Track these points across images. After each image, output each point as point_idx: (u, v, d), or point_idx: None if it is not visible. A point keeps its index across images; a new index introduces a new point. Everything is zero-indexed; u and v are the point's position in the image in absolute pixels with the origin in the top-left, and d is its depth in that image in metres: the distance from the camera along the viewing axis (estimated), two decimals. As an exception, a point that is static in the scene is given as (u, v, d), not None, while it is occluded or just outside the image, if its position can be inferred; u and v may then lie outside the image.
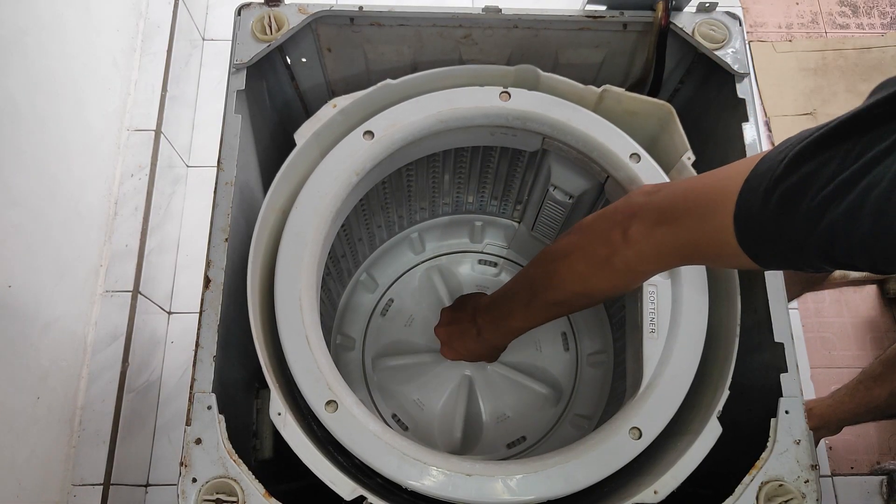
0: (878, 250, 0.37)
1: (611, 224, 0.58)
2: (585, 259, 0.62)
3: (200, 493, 0.58)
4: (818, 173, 0.39)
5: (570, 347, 1.08)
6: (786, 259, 0.43)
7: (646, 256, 0.55)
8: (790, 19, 1.63)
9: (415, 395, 1.02)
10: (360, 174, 0.73)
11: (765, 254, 0.45)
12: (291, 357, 0.64)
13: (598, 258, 0.60)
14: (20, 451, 0.91)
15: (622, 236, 0.56)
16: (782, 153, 0.43)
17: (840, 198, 0.37)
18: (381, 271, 1.11)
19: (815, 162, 0.40)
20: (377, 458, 0.60)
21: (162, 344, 1.23)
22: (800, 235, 0.40)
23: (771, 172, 0.42)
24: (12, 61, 0.92)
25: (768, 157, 0.44)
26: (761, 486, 0.61)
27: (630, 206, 0.57)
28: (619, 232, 0.56)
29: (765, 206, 0.42)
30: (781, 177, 0.41)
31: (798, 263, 0.43)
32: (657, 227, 0.53)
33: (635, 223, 0.55)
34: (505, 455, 1.00)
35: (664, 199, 0.54)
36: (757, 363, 0.70)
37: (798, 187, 0.40)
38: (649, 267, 0.58)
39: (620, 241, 0.56)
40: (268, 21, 0.76)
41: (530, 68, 0.78)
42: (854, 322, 1.34)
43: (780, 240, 0.42)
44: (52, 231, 1.00)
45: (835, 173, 0.38)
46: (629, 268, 0.58)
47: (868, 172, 0.36)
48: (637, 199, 0.57)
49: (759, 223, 0.43)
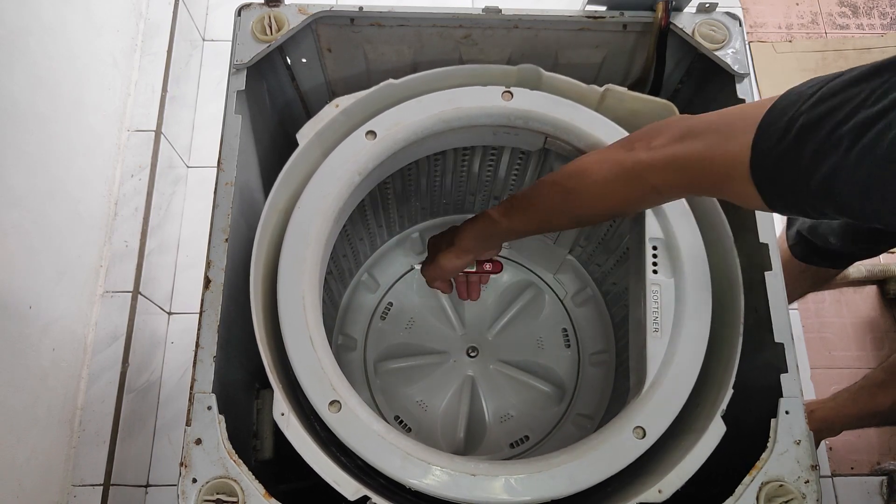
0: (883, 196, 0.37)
1: (638, 134, 0.58)
2: (602, 158, 0.61)
3: (200, 493, 0.58)
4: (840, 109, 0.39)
5: (571, 345, 1.08)
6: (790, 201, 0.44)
7: (658, 164, 0.54)
8: (790, 20, 1.63)
9: (417, 397, 1.02)
10: (362, 174, 0.73)
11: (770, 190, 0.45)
12: (294, 357, 0.64)
13: (614, 159, 0.58)
14: (20, 451, 0.91)
15: (645, 144, 0.56)
16: (813, 87, 0.42)
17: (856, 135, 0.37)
18: (382, 271, 1.11)
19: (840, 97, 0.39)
20: (381, 458, 0.60)
21: (162, 344, 1.23)
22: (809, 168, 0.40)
23: (798, 103, 0.42)
24: (13, 61, 0.92)
25: (796, 90, 0.44)
26: (761, 487, 0.61)
27: (660, 123, 0.57)
28: (643, 141, 0.56)
29: (784, 135, 0.42)
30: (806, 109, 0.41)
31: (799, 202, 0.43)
32: (679, 141, 0.53)
33: (661, 135, 0.55)
34: (508, 455, 1.00)
35: (692, 121, 0.54)
36: (757, 363, 0.70)
37: (818, 121, 0.40)
38: (658, 178, 0.55)
39: (641, 146, 0.56)
40: (268, 21, 0.76)
41: (533, 68, 0.78)
42: (854, 322, 1.34)
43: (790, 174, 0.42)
44: (52, 231, 1.00)
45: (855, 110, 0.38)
46: (637, 173, 0.56)
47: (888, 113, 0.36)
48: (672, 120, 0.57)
49: (774, 154, 0.43)
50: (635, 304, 0.74)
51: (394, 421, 1.02)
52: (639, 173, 0.56)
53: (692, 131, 0.52)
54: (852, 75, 0.41)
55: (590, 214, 0.66)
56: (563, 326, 1.09)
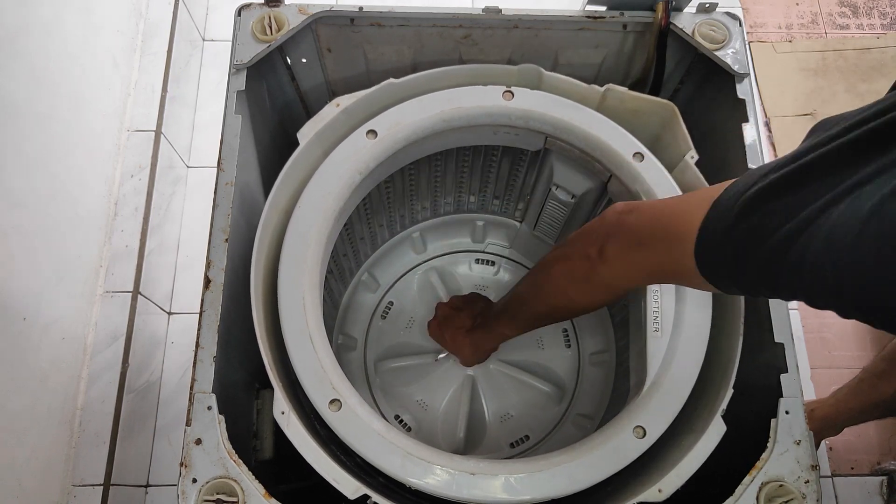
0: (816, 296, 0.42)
1: (589, 242, 0.63)
2: (566, 275, 0.67)
3: (200, 493, 0.58)
4: (764, 225, 0.44)
5: (571, 345, 1.08)
6: (743, 292, 0.49)
7: (619, 275, 0.60)
8: (790, 20, 1.63)
9: (418, 396, 1.02)
10: (363, 173, 0.73)
11: (723, 286, 0.50)
12: (295, 356, 0.64)
13: (578, 274, 0.64)
14: (20, 451, 0.91)
15: (598, 254, 0.61)
16: (732, 199, 0.47)
17: (783, 250, 0.42)
18: (382, 271, 1.11)
19: (761, 213, 0.44)
20: (381, 456, 0.60)
21: (162, 344, 1.23)
22: (751, 277, 0.46)
23: (725, 219, 0.47)
24: (13, 62, 0.92)
25: (721, 202, 0.48)
26: (762, 487, 0.61)
27: (605, 226, 0.61)
28: (595, 249, 0.61)
29: (720, 250, 0.47)
30: (733, 226, 0.46)
31: (753, 295, 0.49)
32: (629, 250, 0.58)
33: (610, 243, 0.60)
34: (508, 454, 1.00)
35: (635, 223, 0.58)
36: (757, 363, 0.70)
37: (747, 237, 0.45)
38: (622, 284, 0.62)
39: (597, 258, 0.61)
40: (268, 22, 0.76)
41: (533, 68, 0.78)
42: (854, 322, 1.33)
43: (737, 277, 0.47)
44: (53, 231, 1.00)
45: (778, 226, 0.42)
46: (604, 284, 0.63)
47: (805, 229, 0.41)
48: (612, 218, 0.61)
49: (717, 263, 0.48)
50: (635, 305, 0.74)
51: (394, 420, 1.02)
52: (607, 284, 0.63)
53: (636, 237, 0.57)
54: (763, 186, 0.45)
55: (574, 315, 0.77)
56: (563, 327, 1.09)
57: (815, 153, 0.43)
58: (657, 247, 0.55)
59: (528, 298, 0.77)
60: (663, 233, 0.54)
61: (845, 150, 0.42)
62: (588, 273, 0.63)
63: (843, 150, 0.42)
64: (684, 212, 0.52)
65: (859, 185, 0.39)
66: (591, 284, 0.64)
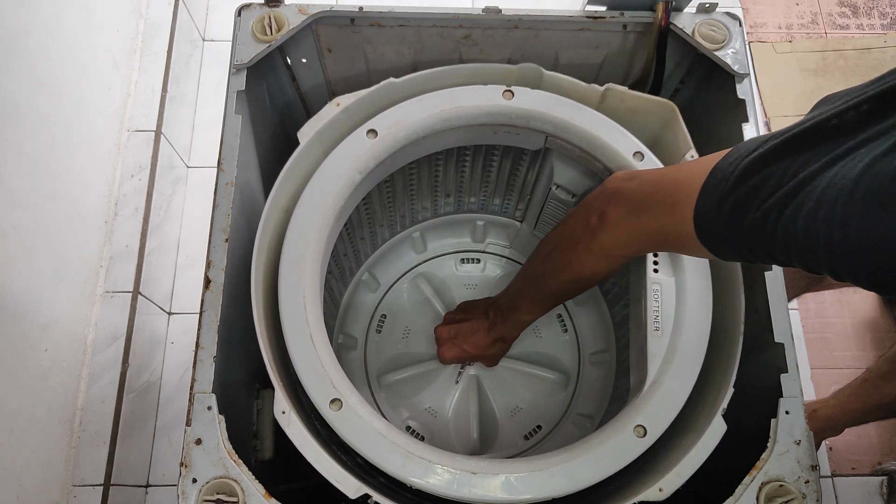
0: (809, 257, 0.43)
1: (589, 211, 0.63)
2: (570, 247, 0.67)
3: (201, 493, 0.58)
4: (761, 188, 0.45)
5: (567, 329, 1.08)
6: (739, 256, 0.49)
7: (619, 241, 0.61)
8: (790, 20, 1.63)
9: (425, 404, 1.02)
10: (363, 173, 0.73)
11: (720, 250, 0.51)
12: (295, 355, 0.64)
13: (580, 245, 0.65)
14: (20, 451, 0.91)
15: (599, 221, 0.61)
16: (733, 164, 0.48)
17: (778, 210, 0.43)
18: (382, 270, 1.11)
19: (759, 177, 0.45)
20: (382, 456, 0.60)
21: (162, 344, 1.23)
22: (747, 239, 0.46)
23: (724, 183, 0.48)
24: (13, 62, 0.92)
25: (721, 167, 0.49)
26: (762, 487, 0.61)
27: (605, 194, 0.62)
28: (596, 217, 0.61)
29: (718, 212, 0.48)
30: (731, 189, 0.47)
31: (749, 260, 0.49)
32: (629, 215, 0.59)
33: (610, 209, 0.60)
34: (523, 448, 1.00)
35: (636, 189, 0.58)
36: (757, 363, 0.70)
37: (744, 199, 0.46)
38: (623, 251, 0.62)
39: (597, 225, 0.61)
40: (268, 22, 0.76)
41: (534, 67, 0.78)
42: (854, 322, 1.34)
43: (733, 240, 0.48)
44: (53, 231, 1.00)
45: (774, 189, 0.44)
46: (605, 252, 0.63)
47: (800, 190, 0.42)
48: (612, 185, 0.61)
49: (715, 226, 0.49)
50: (636, 303, 0.74)
51: (406, 431, 1.01)
52: (607, 253, 0.63)
53: (637, 203, 0.58)
54: (763, 151, 0.46)
55: (581, 287, 0.75)
56: (558, 313, 1.09)
57: (814, 121, 0.44)
58: (657, 211, 0.55)
59: (538, 277, 0.77)
60: (663, 197, 0.54)
61: (844, 117, 0.42)
62: (589, 241, 0.63)
63: (842, 117, 0.43)
64: (685, 178, 0.52)
65: (854, 148, 0.40)
66: (592, 253, 0.64)
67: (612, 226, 0.60)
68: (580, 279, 0.70)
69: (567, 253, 0.68)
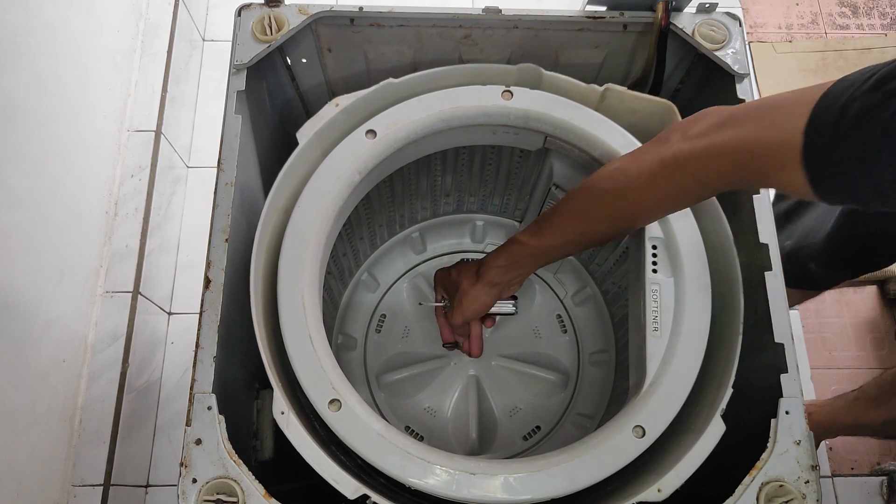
0: None
1: (674, 127, 0.56)
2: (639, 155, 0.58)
3: (200, 493, 0.58)
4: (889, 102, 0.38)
5: (567, 329, 1.08)
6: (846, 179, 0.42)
7: (699, 153, 0.52)
8: (790, 20, 1.63)
9: (424, 404, 1.02)
10: (362, 173, 0.73)
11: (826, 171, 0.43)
12: (294, 356, 0.64)
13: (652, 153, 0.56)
14: (20, 451, 0.91)
15: (682, 135, 0.54)
16: (869, 72, 0.42)
17: None
18: (382, 270, 1.11)
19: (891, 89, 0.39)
20: (381, 456, 0.60)
21: (162, 344, 1.23)
22: (869, 151, 0.39)
23: (853, 88, 0.41)
24: (13, 62, 0.92)
25: (850, 77, 0.43)
26: (761, 487, 0.61)
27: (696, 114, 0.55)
28: (679, 132, 0.54)
29: (840, 118, 0.41)
30: (866, 92, 0.40)
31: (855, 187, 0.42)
32: (720, 128, 0.51)
33: (698, 123, 0.53)
34: (522, 448, 1.00)
35: (734, 107, 0.52)
36: (757, 363, 0.70)
37: (880, 103, 0.39)
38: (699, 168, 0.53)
39: (678, 137, 0.54)
40: (268, 22, 0.76)
41: (533, 67, 0.78)
42: (854, 322, 1.34)
43: (847, 155, 0.41)
44: (53, 231, 1.00)
45: None
46: (678, 165, 0.53)
47: None
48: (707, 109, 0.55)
49: (830, 137, 0.42)
50: (635, 304, 0.74)
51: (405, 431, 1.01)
52: (680, 164, 0.53)
53: (733, 118, 0.50)
54: None
55: (631, 216, 0.63)
56: (558, 313, 1.09)
57: None
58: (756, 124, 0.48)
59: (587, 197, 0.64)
60: (768, 111, 0.47)
61: None
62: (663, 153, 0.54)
63: None
64: (796, 94, 0.46)
65: None
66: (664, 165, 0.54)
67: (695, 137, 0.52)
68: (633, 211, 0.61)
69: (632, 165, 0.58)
